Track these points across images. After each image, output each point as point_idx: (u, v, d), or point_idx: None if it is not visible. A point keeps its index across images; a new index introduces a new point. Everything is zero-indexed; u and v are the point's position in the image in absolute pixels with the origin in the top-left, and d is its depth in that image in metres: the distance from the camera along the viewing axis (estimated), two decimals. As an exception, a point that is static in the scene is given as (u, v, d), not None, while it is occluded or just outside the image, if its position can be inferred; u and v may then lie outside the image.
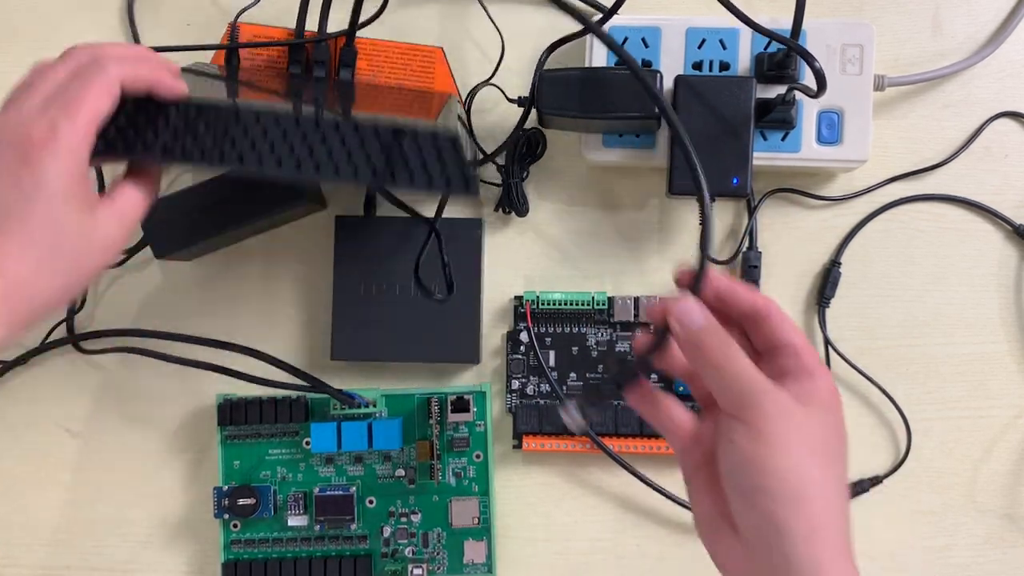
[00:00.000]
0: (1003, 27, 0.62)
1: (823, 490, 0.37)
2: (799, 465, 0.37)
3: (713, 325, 0.39)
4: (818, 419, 0.38)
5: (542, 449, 0.60)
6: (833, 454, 0.38)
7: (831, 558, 0.36)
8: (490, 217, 0.63)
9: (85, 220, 0.41)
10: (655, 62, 0.58)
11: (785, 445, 0.37)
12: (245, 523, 0.61)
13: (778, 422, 0.37)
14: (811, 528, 0.36)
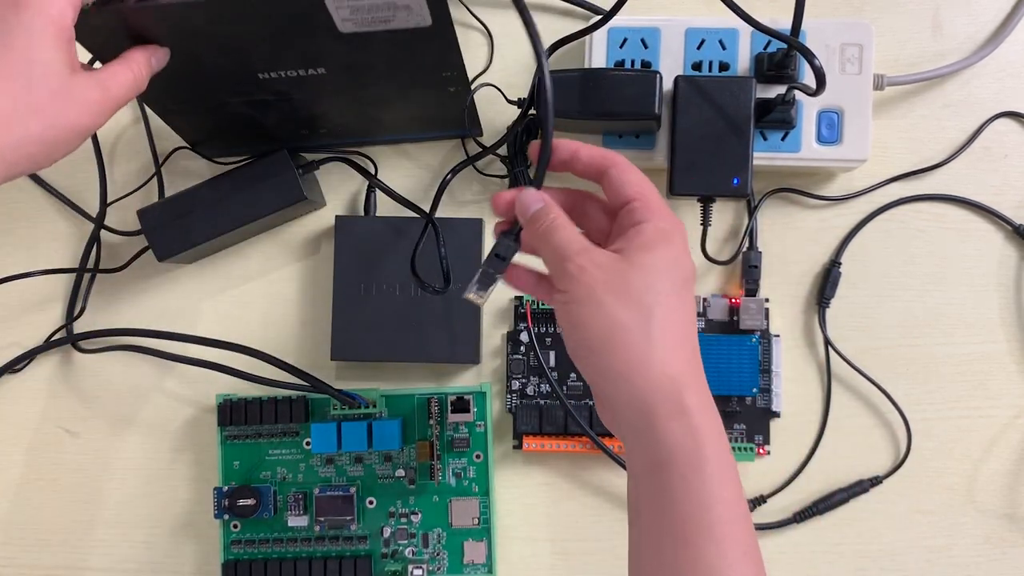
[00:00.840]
0: (1003, 27, 0.62)
1: (635, 330, 0.38)
2: (605, 316, 0.38)
3: (546, 207, 0.42)
4: (636, 264, 0.39)
5: (542, 449, 0.60)
6: (652, 292, 0.39)
7: (657, 385, 0.38)
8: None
9: (66, 74, 0.41)
10: (655, 62, 0.58)
11: (589, 299, 0.39)
12: (245, 523, 0.61)
13: (581, 280, 0.39)
14: (627, 366, 0.38)
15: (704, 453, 0.37)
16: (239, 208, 0.59)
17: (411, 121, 0.60)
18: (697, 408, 0.38)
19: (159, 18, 0.46)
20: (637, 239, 0.40)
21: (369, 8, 0.45)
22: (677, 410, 0.38)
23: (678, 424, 0.37)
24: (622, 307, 0.38)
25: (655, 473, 0.38)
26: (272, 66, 0.51)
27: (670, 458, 0.37)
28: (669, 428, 0.37)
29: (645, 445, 0.38)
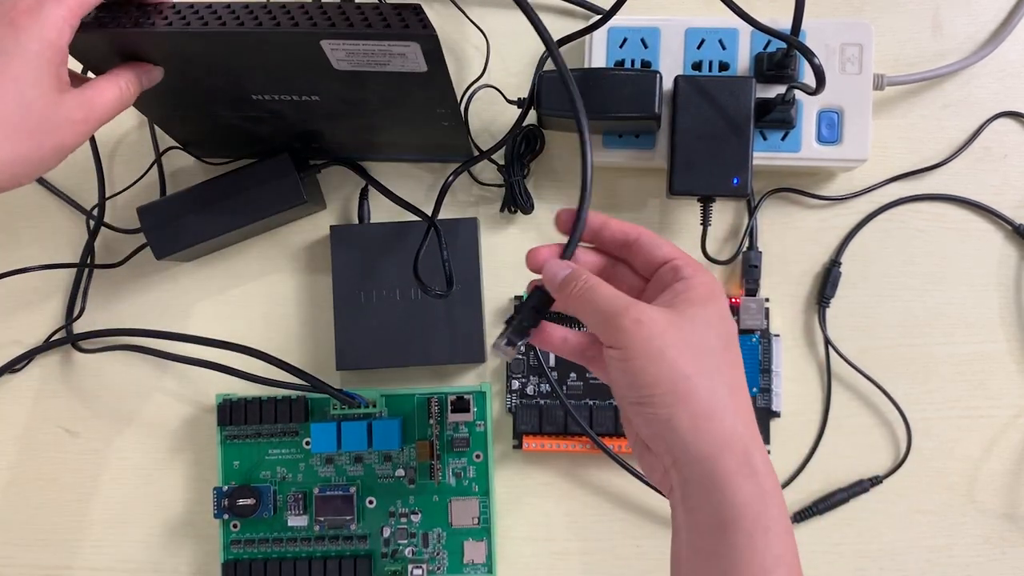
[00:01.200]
0: (1003, 27, 0.62)
1: (700, 381, 0.38)
2: (668, 368, 0.38)
3: (575, 271, 0.42)
4: (688, 317, 0.39)
5: (542, 449, 0.60)
6: (704, 345, 0.39)
7: (724, 440, 0.37)
8: (493, 217, 0.63)
9: (55, 96, 0.42)
10: (655, 62, 0.58)
11: (649, 353, 0.38)
12: (245, 523, 0.61)
13: (638, 334, 0.38)
14: (694, 420, 0.37)
15: (771, 514, 0.37)
16: (239, 209, 0.59)
17: (404, 147, 0.60)
18: (763, 468, 0.38)
19: (155, 43, 0.46)
20: (687, 293, 0.40)
21: (365, 52, 0.45)
22: (747, 469, 0.37)
23: (748, 483, 0.37)
24: (686, 360, 0.38)
25: (720, 532, 0.37)
26: (266, 90, 0.51)
27: (738, 517, 0.37)
28: (739, 486, 0.37)
29: (710, 502, 0.37)
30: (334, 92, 0.51)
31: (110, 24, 0.44)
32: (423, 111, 0.53)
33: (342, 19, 0.44)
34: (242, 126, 0.56)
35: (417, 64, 0.46)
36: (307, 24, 0.44)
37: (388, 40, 0.44)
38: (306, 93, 0.51)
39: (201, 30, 0.44)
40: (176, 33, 0.44)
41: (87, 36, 0.45)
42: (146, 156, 0.64)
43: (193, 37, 0.45)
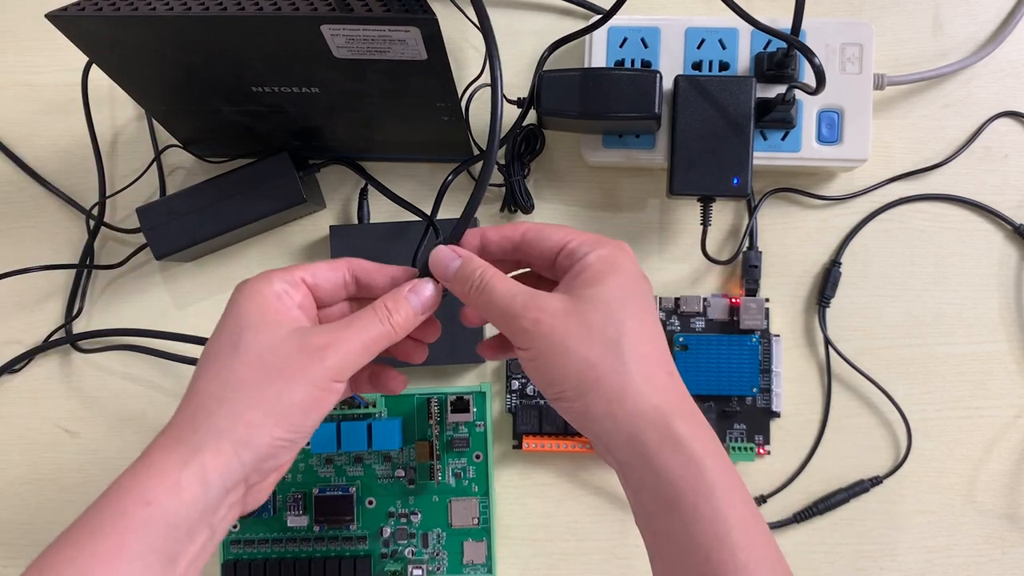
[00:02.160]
0: (1003, 27, 0.62)
1: (607, 366, 0.37)
2: (574, 360, 0.37)
3: (468, 262, 0.40)
4: (587, 300, 0.38)
5: (542, 449, 0.60)
6: (613, 324, 0.38)
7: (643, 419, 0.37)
8: (493, 217, 0.63)
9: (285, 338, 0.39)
10: (655, 62, 0.58)
11: (552, 349, 0.37)
12: (245, 523, 0.61)
13: (539, 333, 0.38)
14: (608, 405, 0.37)
15: (708, 480, 0.36)
16: (239, 208, 0.59)
17: (403, 144, 0.60)
18: (689, 434, 0.37)
19: (154, 28, 0.46)
20: (583, 274, 0.39)
21: (365, 39, 0.45)
22: (670, 441, 0.37)
23: (674, 456, 0.36)
24: (588, 347, 0.37)
25: (666, 511, 0.37)
26: (266, 81, 0.51)
27: (676, 494, 0.36)
28: (666, 461, 0.36)
29: (647, 482, 0.37)
30: (334, 83, 0.50)
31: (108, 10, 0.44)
32: (423, 104, 0.53)
33: (342, 3, 0.44)
34: (242, 121, 0.56)
35: (417, 51, 0.46)
36: (307, 9, 0.44)
37: (388, 24, 0.44)
38: (306, 84, 0.51)
39: (201, 14, 0.44)
40: (176, 18, 0.44)
41: (87, 23, 0.45)
42: (146, 155, 0.64)
43: (192, 22, 0.45)
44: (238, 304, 0.40)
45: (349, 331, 0.39)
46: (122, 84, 0.53)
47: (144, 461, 0.37)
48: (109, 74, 0.51)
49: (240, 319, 0.39)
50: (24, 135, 0.65)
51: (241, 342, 0.39)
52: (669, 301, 0.61)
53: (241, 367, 0.38)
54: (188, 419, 0.38)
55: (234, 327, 0.39)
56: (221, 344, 0.39)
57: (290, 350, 0.38)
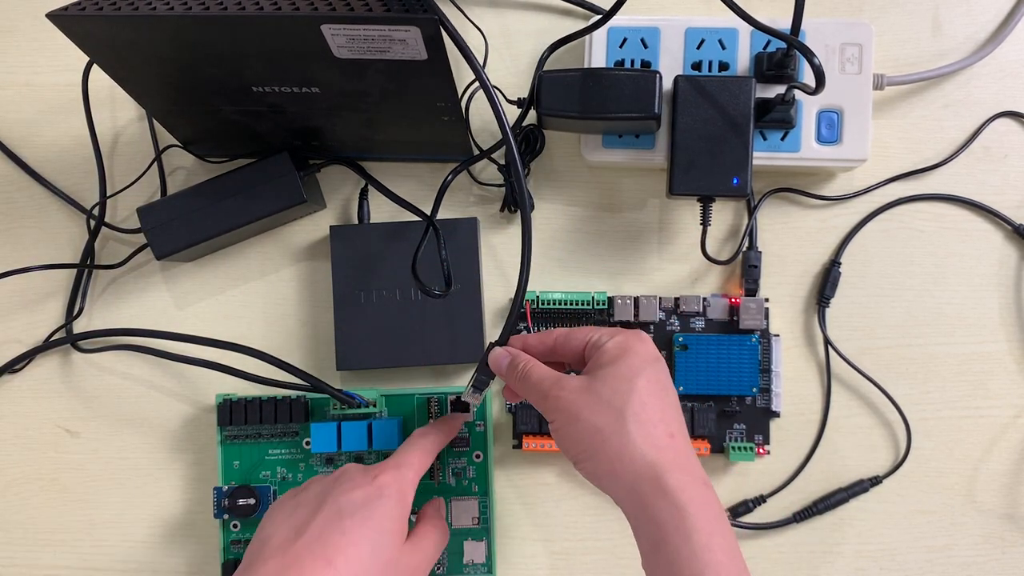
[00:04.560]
0: (1003, 27, 0.62)
1: (611, 431, 0.44)
2: (583, 426, 0.45)
3: (515, 357, 0.50)
4: (600, 378, 0.46)
5: (542, 449, 0.60)
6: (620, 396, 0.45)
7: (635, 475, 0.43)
8: (493, 217, 0.63)
9: (399, 546, 0.48)
10: (654, 62, 0.58)
11: (569, 418, 0.46)
12: (245, 523, 0.61)
13: (560, 404, 0.46)
14: (610, 465, 0.44)
15: (689, 526, 0.42)
16: (239, 208, 0.59)
17: (404, 144, 0.60)
18: (678, 486, 0.42)
19: (155, 28, 0.46)
20: (600, 359, 0.47)
21: (365, 39, 0.45)
22: (659, 492, 0.42)
23: (663, 504, 0.42)
24: (596, 416, 0.45)
25: (656, 552, 0.42)
26: (266, 81, 0.51)
27: (663, 536, 0.42)
28: (657, 508, 0.42)
29: (644, 527, 0.43)
30: (334, 83, 0.50)
31: (109, 10, 0.44)
32: (423, 104, 0.53)
33: (342, 3, 0.44)
34: (242, 121, 0.56)
35: (417, 51, 0.46)
36: (307, 8, 0.44)
37: (389, 24, 0.44)
38: (306, 84, 0.51)
39: (201, 14, 0.44)
40: (176, 17, 0.44)
41: (87, 22, 0.45)
42: (146, 155, 0.64)
43: (193, 22, 0.45)
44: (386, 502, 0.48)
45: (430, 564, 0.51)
46: (122, 84, 0.53)
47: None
48: (109, 74, 0.51)
49: (383, 522, 0.47)
50: (24, 135, 0.65)
51: (379, 550, 0.46)
52: (669, 301, 0.61)
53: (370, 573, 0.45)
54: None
55: (378, 527, 0.47)
56: (370, 541, 0.46)
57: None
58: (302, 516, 0.47)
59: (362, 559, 0.45)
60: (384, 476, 0.49)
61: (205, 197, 0.59)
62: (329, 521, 0.46)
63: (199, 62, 0.49)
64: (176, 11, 0.44)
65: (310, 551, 0.44)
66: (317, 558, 0.44)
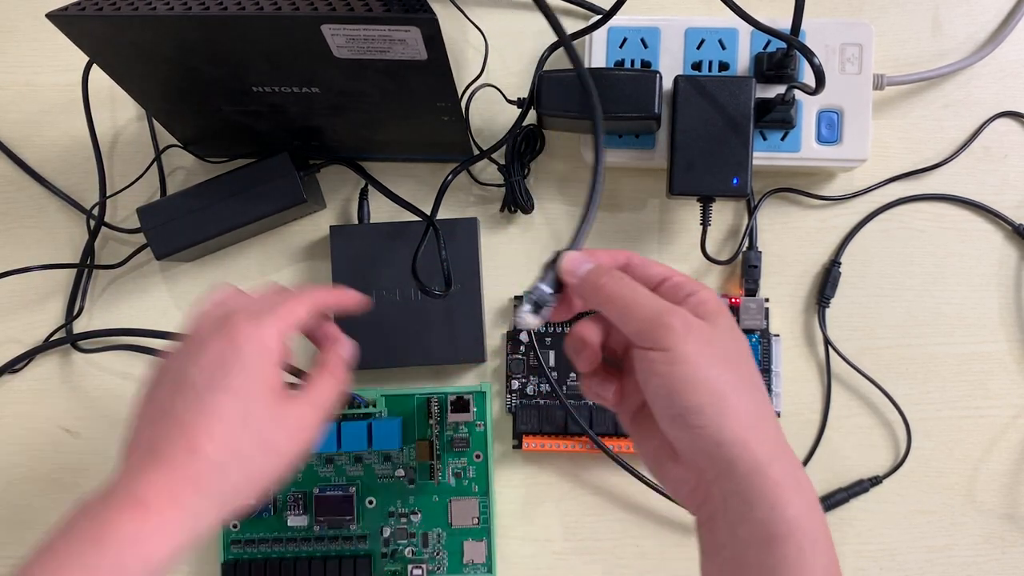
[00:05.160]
0: (1003, 27, 0.62)
1: (743, 392, 0.37)
2: (718, 375, 0.37)
3: (603, 265, 0.40)
4: (717, 328, 0.39)
5: (542, 449, 0.60)
6: (738, 357, 0.39)
7: (770, 452, 0.37)
8: (493, 217, 0.63)
9: (277, 406, 0.41)
10: (654, 62, 0.58)
11: (699, 359, 0.37)
12: (245, 523, 0.61)
13: (688, 338, 0.37)
14: (743, 429, 0.37)
15: (818, 527, 0.36)
16: (239, 208, 0.59)
17: (404, 144, 0.60)
18: (807, 480, 0.37)
19: (154, 28, 0.46)
20: (704, 306, 0.39)
21: (365, 39, 0.45)
22: (795, 481, 0.36)
23: (797, 496, 0.36)
24: (729, 370, 0.37)
25: (768, 545, 0.36)
26: (266, 81, 0.51)
27: (789, 532, 0.36)
28: (789, 500, 0.36)
29: (758, 515, 0.36)
30: (334, 83, 0.50)
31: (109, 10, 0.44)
32: (423, 104, 0.53)
33: (342, 3, 0.44)
34: (242, 121, 0.56)
35: (417, 51, 0.46)
36: (307, 8, 0.44)
37: (389, 24, 0.44)
38: (306, 84, 0.51)
39: (201, 14, 0.44)
40: (176, 18, 0.44)
41: (87, 22, 0.45)
42: (146, 155, 0.64)
43: (193, 21, 0.45)
44: (238, 366, 0.41)
45: (321, 391, 0.44)
46: (122, 84, 0.53)
47: (138, 508, 0.37)
48: (109, 74, 0.51)
49: (240, 385, 0.40)
50: (24, 135, 0.65)
51: (251, 416, 0.40)
52: (669, 301, 0.61)
53: (245, 439, 0.40)
54: (191, 479, 0.38)
55: (237, 392, 0.40)
56: (224, 408, 0.40)
57: (285, 413, 0.42)
58: (158, 405, 0.41)
59: (231, 433, 0.39)
60: (237, 329, 0.41)
61: (205, 197, 0.59)
62: (185, 401, 0.40)
63: (199, 62, 0.49)
64: (176, 11, 0.44)
65: (170, 444, 0.39)
66: (179, 450, 0.38)
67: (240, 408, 0.40)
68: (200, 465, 0.39)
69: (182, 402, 0.40)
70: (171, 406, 0.40)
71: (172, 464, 0.38)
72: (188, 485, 0.38)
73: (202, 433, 0.39)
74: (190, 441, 0.39)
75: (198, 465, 0.39)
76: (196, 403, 0.40)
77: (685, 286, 0.40)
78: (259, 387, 0.41)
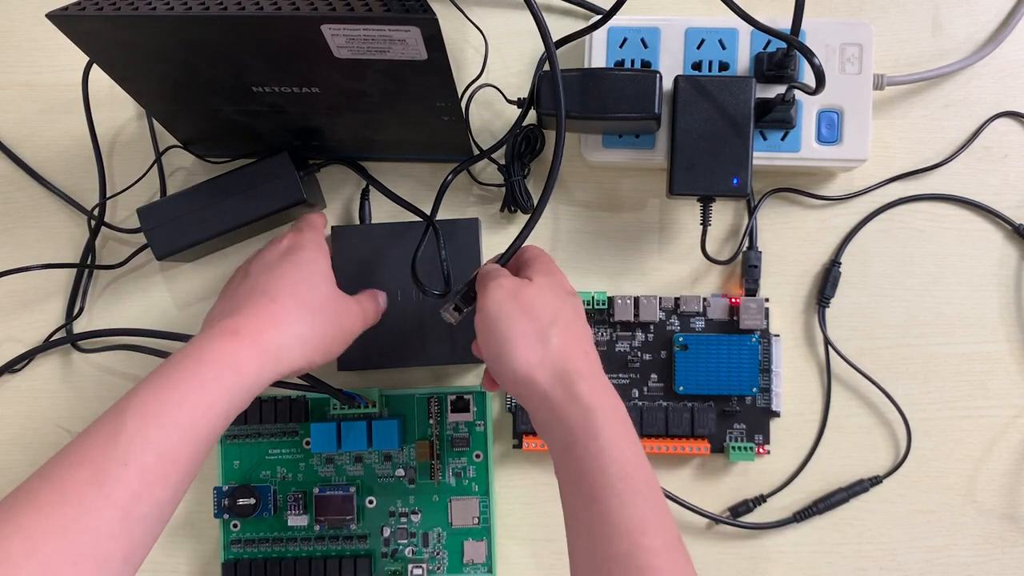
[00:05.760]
0: (1003, 27, 0.62)
1: (531, 337, 0.46)
2: (510, 325, 0.46)
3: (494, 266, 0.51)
4: (532, 285, 0.48)
5: (542, 449, 0.60)
6: (542, 307, 0.47)
7: (551, 382, 0.45)
8: (493, 217, 0.63)
9: (332, 285, 0.53)
10: (655, 62, 0.58)
11: (498, 310, 0.47)
12: (245, 523, 0.61)
13: (493, 294, 0.47)
14: (530, 367, 0.46)
15: (597, 425, 0.44)
16: (239, 208, 0.59)
17: (404, 144, 0.60)
18: (588, 392, 0.45)
19: (155, 28, 0.46)
20: (526, 267, 0.51)
21: (365, 39, 0.45)
22: (571, 398, 0.45)
23: (573, 409, 0.44)
24: (523, 319, 0.47)
25: (566, 452, 0.45)
26: (266, 81, 0.51)
27: (572, 438, 0.44)
28: (568, 413, 0.44)
29: (555, 432, 0.45)
30: (334, 83, 0.50)
31: (109, 10, 0.44)
32: (423, 104, 0.53)
33: (342, 3, 0.44)
34: (242, 121, 0.56)
35: (417, 51, 0.46)
36: (307, 8, 0.44)
37: (389, 24, 0.44)
38: (306, 84, 0.51)
39: (201, 14, 0.44)
40: (176, 17, 0.44)
41: (87, 22, 0.45)
42: (146, 155, 0.64)
43: (193, 21, 0.45)
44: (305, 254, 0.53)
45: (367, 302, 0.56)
46: (122, 84, 0.53)
47: (236, 339, 0.45)
48: (109, 74, 0.51)
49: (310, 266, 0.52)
50: (24, 135, 0.65)
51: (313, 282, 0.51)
52: (669, 301, 0.61)
53: (314, 298, 0.50)
54: (272, 321, 0.48)
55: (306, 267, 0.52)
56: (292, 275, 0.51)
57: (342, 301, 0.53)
58: (238, 282, 0.53)
59: (299, 293, 0.50)
60: (293, 235, 0.55)
61: (205, 197, 0.59)
62: (261, 272, 0.51)
63: (199, 62, 0.49)
64: (176, 11, 0.44)
65: (251, 299, 0.49)
66: (259, 301, 0.48)
67: (307, 279, 0.51)
68: (277, 308, 0.48)
69: (256, 274, 0.51)
70: (247, 280, 0.51)
71: (255, 310, 0.48)
72: (270, 324, 0.47)
73: (276, 288, 0.49)
74: (266, 294, 0.49)
75: (275, 308, 0.48)
76: (268, 272, 0.51)
77: (530, 261, 0.51)
78: (318, 269, 0.52)
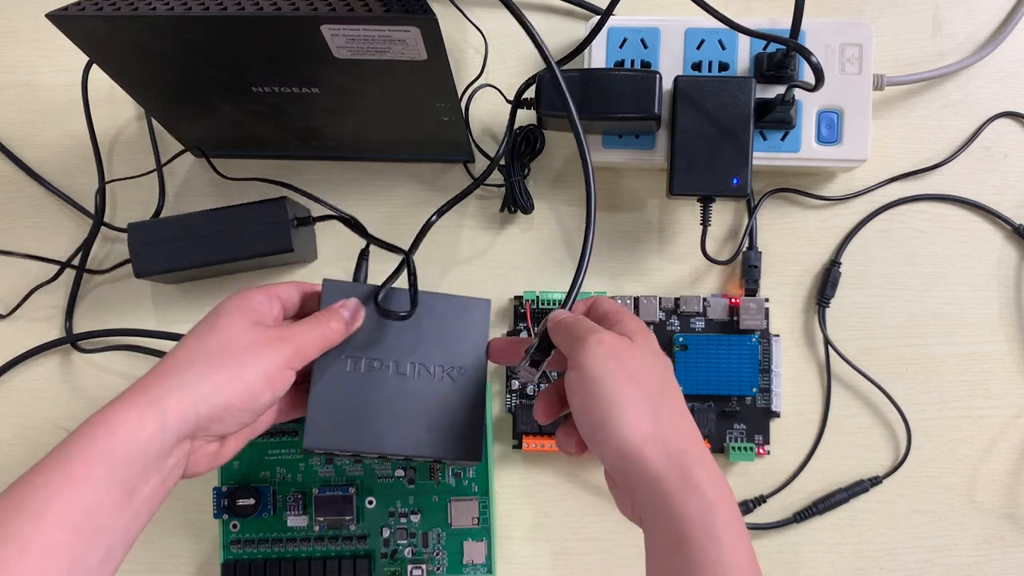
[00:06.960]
0: (1003, 27, 0.62)
1: (641, 405, 0.41)
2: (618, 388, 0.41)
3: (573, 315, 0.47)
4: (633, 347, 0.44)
5: (542, 449, 0.60)
6: (649, 372, 0.43)
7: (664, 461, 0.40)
8: (493, 217, 0.63)
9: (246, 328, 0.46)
10: (654, 63, 0.58)
11: (603, 373, 0.42)
12: (245, 523, 0.61)
13: (596, 353, 0.42)
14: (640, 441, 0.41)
15: (718, 524, 0.39)
16: (227, 245, 0.58)
17: (404, 144, 0.60)
18: (707, 482, 0.40)
19: (154, 28, 0.46)
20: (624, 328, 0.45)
21: (365, 39, 0.46)
22: (688, 487, 0.40)
23: (691, 501, 0.39)
24: (631, 384, 0.42)
25: (676, 548, 0.39)
26: (266, 81, 0.51)
27: (686, 534, 0.39)
28: (684, 504, 0.39)
29: (664, 521, 0.40)
30: (334, 83, 0.50)
31: (109, 10, 0.44)
32: (423, 104, 0.53)
33: (342, 3, 0.44)
34: (242, 121, 0.56)
35: (417, 51, 0.46)
36: (307, 9, 0.44)
37: (388, 24, 0.44)
38: (306, 84, 0.51)
39: (201, 14, 0.44)
40: (176, 18, 0.44)
41: (87, 22, 0.45)
42: (146, 155, 0.64)
43: (193, 21, 0.45)
44: (222, 304, 0.47)
45: (299, 328, 0.47)
46: (122, 84, 0.53)
47: (113, 404, 0.42)
48: (109, 74, 0.51)
49: (220, 312, 0.46)
50: (24, 135, 0.65)
51: (217, 326, 0.45)
52: (669, 301, 0.61)
53: (213, 343, 0.45)
54: (159, 376, 0.43)
55: (214, 317, 0.46)
56: (201, 328, 0.46)
57: (256, 336, 0.46)
58: None
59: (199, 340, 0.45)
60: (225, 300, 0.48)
61: (196, 227, 0.58)
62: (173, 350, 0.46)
63: (199, 62, 0.49)
64: (176, 11, 0.44)
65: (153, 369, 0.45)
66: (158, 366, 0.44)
67: (209, 325, 0.46)
68: (169, 364, 0.44)
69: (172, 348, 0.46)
70: None
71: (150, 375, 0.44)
72: (155, 379, 0.43)
73: (176, 349, 0.45)
74: (166, 357, 0.45)
75: (168, 364, 0.44)
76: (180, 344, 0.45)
77: (614, 315, 0.47)
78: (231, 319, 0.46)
